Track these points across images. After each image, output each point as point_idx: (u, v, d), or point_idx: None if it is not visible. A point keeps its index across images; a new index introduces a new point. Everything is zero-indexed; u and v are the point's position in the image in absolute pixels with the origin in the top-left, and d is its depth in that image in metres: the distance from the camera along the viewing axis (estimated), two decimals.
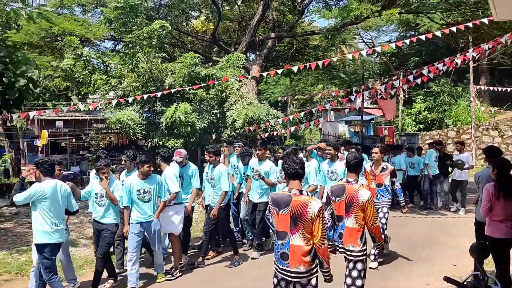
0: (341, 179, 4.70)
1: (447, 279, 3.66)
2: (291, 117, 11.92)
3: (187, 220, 7.09)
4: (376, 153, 7.34)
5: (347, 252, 4.45)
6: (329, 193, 4.61)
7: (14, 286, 6.40)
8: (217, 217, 6.90)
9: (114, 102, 10.37)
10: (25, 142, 22.31)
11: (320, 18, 20.77)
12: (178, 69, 13.32)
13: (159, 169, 6.88)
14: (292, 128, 12.25)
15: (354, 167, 4.58)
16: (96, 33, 16.18)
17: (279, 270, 3.81)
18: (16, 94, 9.69)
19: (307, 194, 3.80)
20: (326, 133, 20.80)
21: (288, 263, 3.71)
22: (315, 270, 3.77)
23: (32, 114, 9.99)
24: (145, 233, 6.32)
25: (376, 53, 23.08)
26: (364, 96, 13.47)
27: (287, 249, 3.72)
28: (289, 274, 3.73)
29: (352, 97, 11.97)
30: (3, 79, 9.51)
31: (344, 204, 4.42)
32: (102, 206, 6.15)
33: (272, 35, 19.36)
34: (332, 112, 22.58)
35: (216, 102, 14.10)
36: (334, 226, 4.61)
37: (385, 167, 7.00)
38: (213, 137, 13.94)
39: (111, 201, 6.12)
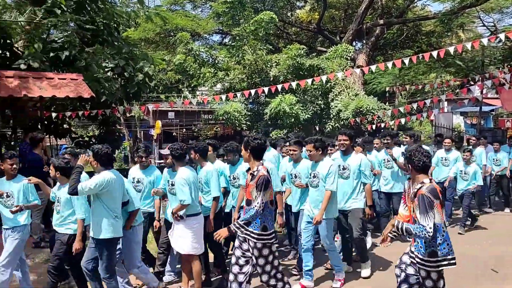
0: (431, 179, 3.92)
1: None
2: (402, 109, 11.26)
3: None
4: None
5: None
6: (430, 195, 3.71)
7: None
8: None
9: (224, 97, 10.73)
10: (142, 131, 24.24)
11: (435, 2, 19.26)
12: (283, 60, 13.35)
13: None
14: (402, 120, 11.58)
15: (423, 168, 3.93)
16: (205, 28, 16.91)
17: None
18: (135, 88, 10.57)
19: None
20: (438, 125, 19.41)
21: None
22: None
23: (150, 107, 10.74)
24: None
25: (498, 39, 20.88)
26: (485, 86, 12.21)
27: None
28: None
29: (472, 88, 10.92)
30: (125, 74, 10.38)
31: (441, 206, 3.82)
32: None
33: (381, 22, 18.46)
34: (446, 103, 20.97)
35: (320, 92, 13.90)
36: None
37: (254, 172, 4.43)
38: (317, 128, 13.78)
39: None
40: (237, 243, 4.41)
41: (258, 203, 4.21)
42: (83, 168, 4.68)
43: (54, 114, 10.54)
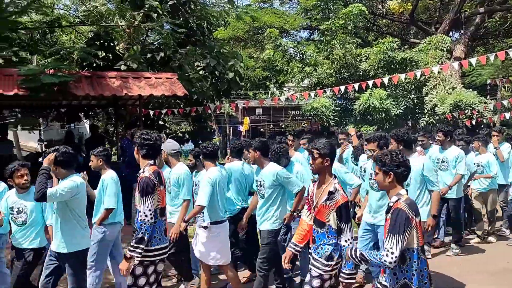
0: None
1: None
2: (505, 102, 10.32)
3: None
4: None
5: None
6: (409, 210, 2.94)
7: None
8: None
9: (312, 94, 10.68)
10: (231, 128, 24.97)
11: None
12: (373, 54, 12.90)
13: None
14: (507, 115, 10.59)
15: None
16: (293, 24, 16.93)
17: None
18: (226, 85, 10.93)
19: None
20: None
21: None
22: None
23: (240, 104, 11.05)
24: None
25: None
26: None
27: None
28: None
29: None
30: (215, 72, 10.76)
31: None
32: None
33: (481, 10, 17.05)
34: None
35: (413, 86, 13.22)
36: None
37: (140, 174, 3.84)
38: (410, 124, 13.15)
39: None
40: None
41: (142, 212, 3.53)
42: (49, 169, 3.99)
43: (151, 112, 11.22)
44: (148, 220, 3.52)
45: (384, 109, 11.91)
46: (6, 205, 4.61)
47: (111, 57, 10.28)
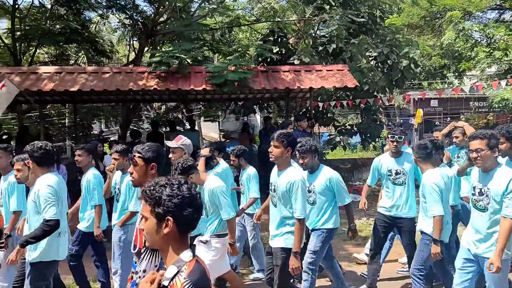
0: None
1: None
2: None
3: None
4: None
5: None
6: None
7: None
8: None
9: (503, 83, 9.36)
10: (401, 120, 23.70)
11: None
12: None
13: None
14: None
15: None
16: (478, 5, 15.15)
17: None
18: (399, 74, 10.33)
19: None
20: None
21: None
22: None
23: (415, 95, 10.35)
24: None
25: None
26: None
27: None
28: None
29: None
30: (388, 61, 10.24)
31: None
32: None
33: None
34: None
35: None
36: None
37: None
38: None
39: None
40: None
41: None
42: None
43: (320, 104, 11.24)
44: None
45: None
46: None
47: (283, 52, 10.60)
